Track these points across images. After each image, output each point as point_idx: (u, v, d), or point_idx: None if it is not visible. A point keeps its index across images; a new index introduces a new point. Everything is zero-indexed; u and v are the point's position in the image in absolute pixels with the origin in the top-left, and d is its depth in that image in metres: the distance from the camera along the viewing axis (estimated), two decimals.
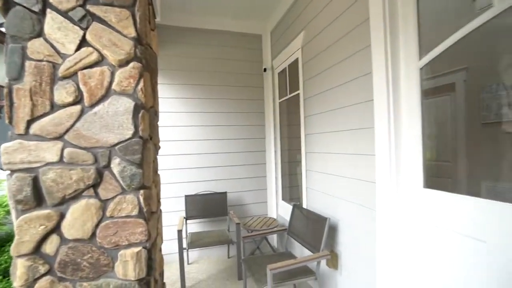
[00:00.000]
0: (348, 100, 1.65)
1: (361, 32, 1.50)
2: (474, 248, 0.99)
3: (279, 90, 2.90)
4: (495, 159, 2.22)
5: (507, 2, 0.89)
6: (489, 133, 2.36)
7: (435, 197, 1.16)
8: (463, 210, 1.04)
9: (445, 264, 1.11)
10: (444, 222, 1.11)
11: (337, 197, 1.81)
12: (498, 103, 2.21)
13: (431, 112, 2.95)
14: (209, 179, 2.93)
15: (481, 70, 2.44)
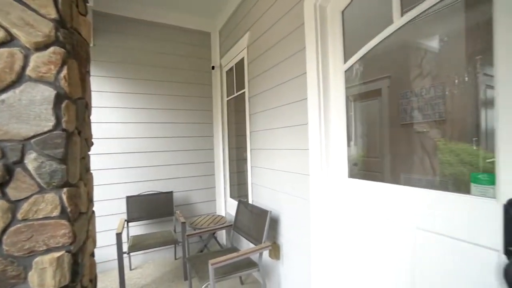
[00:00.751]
0: (287, 98, 1.77)
1: (297, 36, 1.63)
2: (388, 224, 1.17)
3: (227, 88, 2.93)
4: (409, 154, 2.63)
5: (402, 19, 1.08)
6: (406, 133, 2.79)
7: (356, 185, 1.33)
8: (376, 193, 1.22)
9: (368, 242, 1.28)
10: (364, 204, 1.28)
11: (279, 190, 1.92)
12: (411, 107, 2.64)
13: (363, 113, 3.34)
14: (155, 178, 2.79)
15: (399, 79, 2.87)
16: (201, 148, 3.03)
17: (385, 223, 1.17)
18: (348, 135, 1.54)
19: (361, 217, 1.29)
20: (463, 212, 0.89)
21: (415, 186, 1.07)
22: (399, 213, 1.10)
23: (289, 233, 1.82)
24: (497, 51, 0.79)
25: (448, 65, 2.30)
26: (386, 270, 1.17)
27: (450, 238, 0.93)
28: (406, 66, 2.69)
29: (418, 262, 1.04)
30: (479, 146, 1.46)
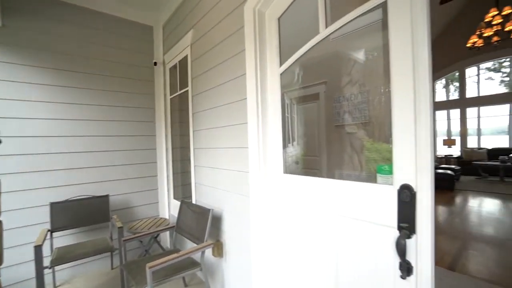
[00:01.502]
0: (228, 98, 1.80)
1: (238, 37, 1.68)
2: (317, 213, 1.29)
3: (171, 86, 2.83)
4: (342, 153, 2.94)
5: (327, 30, 1.21)
6: (339, 133, 3.11)
7: (290, 180, 1.43)
8: (307, 186, 1.33)
9: (301, 231, 1.39)
10: (297, 197, 1.39)
11: (221, 189, 1.94)
12: (343, 111, 2.96)
13: (304, 115, 3.59)
14: (88, 181, 2.52)
15: (334, 84, 3.18)
16: (142, 148, 2.86)
17: (315, 213, 1.29)
18: (285, 135, 1.65)
19: (295, 209, 1.39)
20: (372, 199, 1.04)
21: (347, 180, 1.19)
22: (326, 203, 1.23)
23: (231, 230, 1.86)
24: (392, 67, 0.96)
25: (372, 75, 2.65)
26: (316, 254, 1.29)
27: (363, 221, 1.07)
28: (339, 74, 3.00)
29: (341, 244, 1.17)
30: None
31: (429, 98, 0.86)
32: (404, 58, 0.91)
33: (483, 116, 8.49)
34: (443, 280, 2.19)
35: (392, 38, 0.94)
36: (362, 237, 1.08)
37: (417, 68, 0.88)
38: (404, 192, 0.92)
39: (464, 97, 8.55)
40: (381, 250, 1.01)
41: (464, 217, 4.05)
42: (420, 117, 0.88)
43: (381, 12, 1.05)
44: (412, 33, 0.89)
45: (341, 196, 1.16)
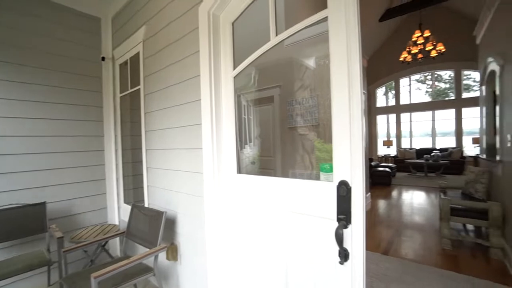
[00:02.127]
0: (183, 98, 1.78)
1: (193, 38, 1.67)
2: (269, 210, 1.36)
3: (121, 84, 2.65)
4: (295, 153, 3.12)
5: (277, 38, 1.30)
6: (292, 135, 3.30)
7: (243, 179, 1.49)
8: (259, 185, 1.40)
9: (254, 228, 1.45)
10: (250, 196, 1.45)
11: (176, 190, 1.90)
12: (296, 113, 3.15)
13: (260, 117, 3.70)
14: (21, 187, 2.21)
15: (287, 88, 3.36)
16: (88, 149, 2.62)
17: (266, 210, 1.36)
18: (241, 136, 1.70)
19: (248, 207, 1.45)
20: (316, 195, 1.15)
21: (296, 179, 1.28)
22: (277, 200, 1.31)
23: (186, 232, 1.84)
24: (332, 76, 1.08)
25: (321, 81, 2.88)
26: (268, 249, 1.36)
27: (309, 216, 1.18)
28: (292, 79, 3.19)
29: (290, 238, 1.26)
30: None
31: (360, 105, 1.00)
32: (341, 72, 1.03)
33: (414, 120, 9.81)
34: (379, 264, 2.50)
35: (332, 51, 1.06)
36: (308, 230, 1.18)
37: (351, 79, 1.01)
38: (342, 188, 1.04)
39: (399, 104, 9.76)
40: (324, 240, 1.12)
41: (398, 208, 4.63)
42: (353, 122, 1.01)
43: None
44: (347, 47, 1.01)
45: (290, 193, 1.25)
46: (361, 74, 1.01)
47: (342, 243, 1.01)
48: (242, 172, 1.60)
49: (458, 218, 2.90)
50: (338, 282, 1.07)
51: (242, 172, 1.59)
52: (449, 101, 8.87)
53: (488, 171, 3.13)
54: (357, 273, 1.02)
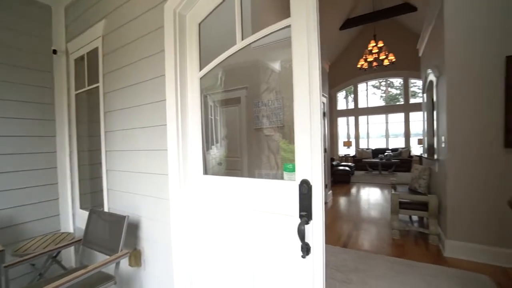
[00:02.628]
0: (147, 98, 1.73)
1: (157, 36, 1.64)
2: (234, 210, 1.39)
3: (77, 80, 2.46)
4: (261, 154, 3.20)
5: (243, 42, 1.34)
6: (258, 136, 3.37)
7: (209, 180, 1.50)
8: (225, 186, 1.42)
9: (220, 228, 1.47)
10: (216, 196, 1.46)
11: (139, 193, 1.84)
12: (262, 115, 3.23)
13: (227, 118, 3.71)
14: None
15: (254, 90, 3.43)
16: (37, 151, 2.38)
17: (233, 210, 1.39)
18: (208, 137, 1.70)
19: (215, 208, 1.47)
20: (280, 194, 1.21)
21: (261, 179, 1.33)
22: (243, 200, 1.35)
23: (151, 236, 1.78)
24: (294, 81, 1.15)
25: (286, 84, 2.99)
26: (235, 248, 1.40)
27: (274, 214, 1.24)
28: (259, 81, 3.27)
29: (256, 236, 1.30)
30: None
31: (319, 108, 1.09)
32: (302, 77, 1.11)
33: (371, 123, 10.66)
34: (338, 256, 2.69)
35: (294, 56, 1.14)
36: (273, 227, 1.24)
37: (311, 84, 1.09)
38: (303, 186, 1.12)
39: (357, 107, 10.52)
40: (288, 236, 1.19)
41: (356, 204, 5.01)
42: (313, 124, 1.09)
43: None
44: (308, 53, 1.10)
45: (255, 193, 1.30)
46: (321, 78, 1.10)
47: (304, 238, 1.09)
48: (208, 173, 1.61)
49: (405, 211, 3.25)
50: (301, 274, 1.14)
51: (209, 173, 1.60)
52: (400, 105, 9.82)
53: (428, 168, 3.56)
54: (318, 265, 1.11)
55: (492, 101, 2.44)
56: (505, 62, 2.34)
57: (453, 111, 2.62)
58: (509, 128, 2.35)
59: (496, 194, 2.42)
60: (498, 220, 2.43)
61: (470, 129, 2.54)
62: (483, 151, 2.49)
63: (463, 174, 2.58)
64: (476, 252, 2.52)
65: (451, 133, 2.64)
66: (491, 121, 2.45)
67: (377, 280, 2.22)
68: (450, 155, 2.66)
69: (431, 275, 2.26)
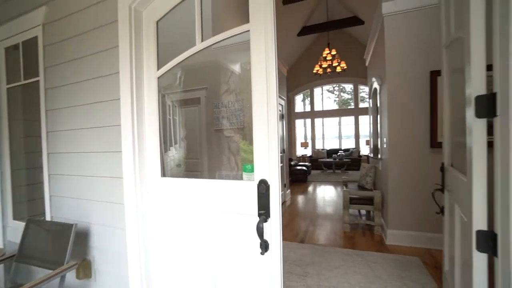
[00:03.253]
0: (98, 96, 1.61)
1: (111, 31, 1.54)
2: (194, 211, 1.38)
3: (8, 72, 2.16)
4: (221, 155, 3.20)
5: (203, 44, 1.35)
6: (218, 137, 3.37)
7: (168, 182, 1.47)
8: (184, 187, 1.41)
9: (181, 230, 1.44)
10: (175, 198, 1.44)
11: (90, 199, 1.70)
12: (222, 116, 3.24)
13: (186, 119, 3.63)
14: None
15: (214, 91, 3.42)
16: None
17: (193, 211, 1.38)
18: (166, 138, 1.64)
19: (174, 211, 1.44)
20: (240, 194, 1.25)
21: (220, 179, 1.35)
22: (202, 201, 1.35)
23: (103, 244, 1.66)
24: (252, 82, 1.20)
25: (246, 85, 3.05)
26: (196, 250, 1.39)
27: (234, 214, 1.26)
28: (219, 82, 3.27)
29: (217, 236, 1.31)
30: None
31: (276, 110, 1.15)
32: (260, 81, 1.17)
33: (326, 125, 11.39)
34: (296, 251, 2.84)
35: (253, 60, 1.19)
36: (234, 226, 1.27)
37: (269, 87, 1.15)
38: (261, 186, 1.17)
39: (313, 110, 11.16)
40: (248, 235, 1.23)
41: (312, 202, 5.31)
42: (271, 125, 1.15)
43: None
44: (266, 58, 1.15)
45: (215, 194, 1.32)
46: (277, 83, 1.16)
47: (262, 235, 1.14)
48: (167, 175, 1.57)
49: (355, 206, 3.57)
50: (261, 271, 1.19)
51: (168, 175, 1.56)
52: (351, 109, 10.71)
53: (374, 166, 3.97)
54: (276, 261, 1.17)
55: (421, 109, 2.84)
56: (430, 75, 2.75)
57: (392, 116, 2.98)
58: (433, 132, 2.77)
59: (423, 187, 2.83)
60: (425, 210, 2.84)
61: (406, 132, 2.92)
62: (415, 151, 2.88)
63: (400, 171, 2.95)
64: (410, 238, 2.91)
65: (391, 135, 2.99)
66: (421, 125, 2.85)
67: (331, 271, 2.41)
68: (390, 155, 3.01)
69: (374, 261, 2.53)
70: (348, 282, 2.22)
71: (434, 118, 2.76)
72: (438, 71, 2.69)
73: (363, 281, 2.23)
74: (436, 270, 2.35)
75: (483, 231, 0.96)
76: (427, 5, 2.75)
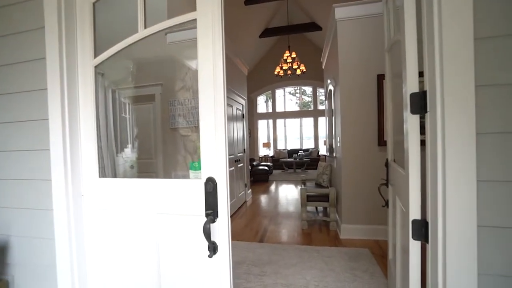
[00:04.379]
0: (20, 85, 1.37)
1: (33, 8, 1.32)
2: (137, 214, 1.25)
3: None
4: (176, 154, 3.04)
5: (145, 31, 1.23)
6: (174, 136, 3.20)
7: (107, 183, 1.31)
8: (127, 188, 1.27)
9: (123, 234, 1.29)
10: (117, 200, 1.29)
11: (8, 207, 1.43)
12: (178, 114, 3.08)
13: (139, 116, 3.38)
14: None
15: (169, 87, 3.24)
16: None
17: (138, 214, 1.25)
18: (117, 137, 1.46)
19: (116, 214, 1.29)
20: (187, 193, 1.16)
21: (165, 179, 1.25)
22: (148, 203, 1.22)
23: (27, 260, 1.41)
24: (199, 78, 1.13)
25: None
26: (141, 254, 1.25)
27: (181, 215, 1.17)
28: (175, 78, 3.10)
29: (162, 239, 1.21)
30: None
31: (223, 106, 1.10)
32: (207, 76, 1.10)
33: (288, 125, 11.71)
34: (255, 251, 2.81)
35: (200, 54, 1.12)
36: (181, 228, 1.18)
37: (216, 83, 1.10)
38: (209, 184, 1.10)
39: (275, 111, 11.39)
40: (196, 237, 1.15)
41: (273, 200, 5.38)
42: (217, 121, 1.10)
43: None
44: (213, 51, 1.09)
45: (161, 195, 1.21)
46: (225, 78, 1.11)
47: (210, 237, 1.07)
48: (107, 176, 1.40)
49: (312, 203, 3.69)
50: (209, 274, 1.12)
51: (108, 176, 1.40)
52: (310, 111, 11.18)
53: (329, 164, 4.16)
54: (225, 263, 1.11)
55: (369, 109, 3.05)
56: (377, 79, 2.97)
57: (345, 116, 3.15)
58: (380, 131, 2.99)
59: (372, 183, 3.04)
60: (373, 204, 3.05)
61: (357, 131, 3.10)
62: (365, 149, 3.08)
63: (351, 168, 3.13)
64: (361, 231, 3.10)
65: (344, 134, 3.16)
66: (370, 125, 3.06)
67: (288, 268, 2.43)
68: (343, 153, 3.17)
69: (329, 256, 2.63)
70: (304, 278, 2.26)
71: (380, 118, 2.98)
72: (383, 75, 2.92)
73: (318, 275, 2.29)
74: (383, 259, 2.53)
75: (417, 220, 1.02)
76: (373, 13, 2.97)
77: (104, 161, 1.52)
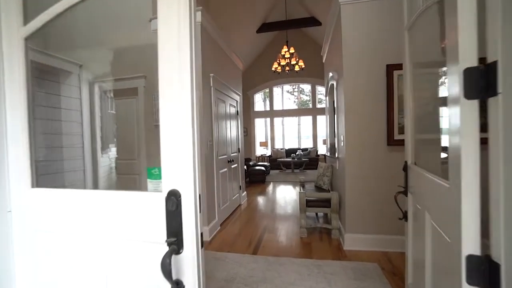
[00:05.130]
0: None
1: None
2: (80, 235, 0.91)
3: None
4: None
5: None
6: (159, 133, 2.86)
7: (43, 195, 0.97)
8: (69, 202, 0.93)
9: (61, 249, 0.95)
10: (56, 218, 0.95)
11: None
12: None
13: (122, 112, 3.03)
14: None
15: (154, 80, 2.90)
16: None
17: (79, 236, 0.92)
18: (95, 136, 1.14)
19: (55, 235, 0.95)
20: (143, 210, 0.83)
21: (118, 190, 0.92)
22: (92, 223, 0.89)
23: None
24: (159, 65, 0.80)
25: None
26: (87, 280, 0.92)
27: (136, 241, 0.84)
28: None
29: (111, 266, 0.88)
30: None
31: (190, 94, 0.77)
32: (169, 50, 0.78)
33: (286, 124, 11.37)
34: (247, 266, 2.47)
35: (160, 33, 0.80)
36: (137, 260, 0.85)
37: (180, 61, 0.77)
38: (171, 200, 0.77)
39: (273, 109, 11.04)
40: (154, 273, 0.82)
41: (269, 203, 5.04)
42: (184, 115, 0.77)
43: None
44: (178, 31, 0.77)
45: (112, 212, 0.87)
46: (194, 67, 0.79)
47: (171, 275, 0.73)
48: (100, 182, 1.06)
49: (312, 208, 3.36)
50: None
51: (101, 182, 1.06)
52: (309, 109, 10.84)
53: (331, 165, 3.83)
54: None
55: (377, 105, 2.72)
56: (386, 69, 2.64)
57: (349, 112, 2.82)
58: (389, 129, 2.66)
59: (380, 187, 2.71)
60: (381, 211, 2.72)
61: (363, 129, 2.77)
62: (372, 148, 2.75)
63: (357, 170, 2.80)
64: (367, 241, 2.77)
65: (348, 132, 2.83)
66: (377, 122, 2.73)
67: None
68: (347, 153, 2.84)
69: (332, 273, 2.29)
70: None
71: (390, 114, 2.65)
72: (394, 65, 2.59)
73: None
74: (394, 277, 2.20)
75: (475, 256, 0.69)
76: None
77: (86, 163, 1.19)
